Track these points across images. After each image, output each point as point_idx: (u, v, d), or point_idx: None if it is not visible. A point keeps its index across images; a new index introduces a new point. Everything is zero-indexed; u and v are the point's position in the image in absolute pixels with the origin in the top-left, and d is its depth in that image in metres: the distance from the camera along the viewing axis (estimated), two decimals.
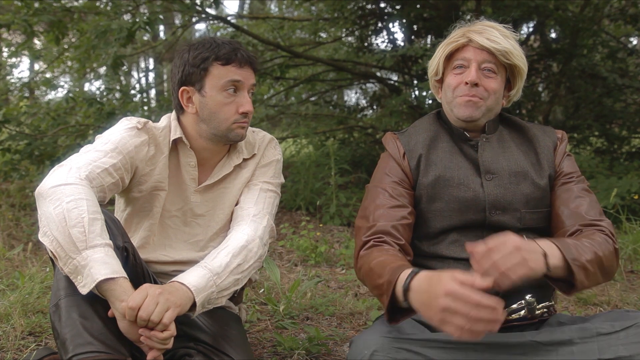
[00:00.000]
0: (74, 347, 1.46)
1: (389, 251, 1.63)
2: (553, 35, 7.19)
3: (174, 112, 1.93)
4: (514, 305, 1.70)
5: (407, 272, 1.42)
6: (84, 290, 1.48)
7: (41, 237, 1.54)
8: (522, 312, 1.70)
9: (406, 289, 1.39)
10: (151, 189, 1.86)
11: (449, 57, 1.81)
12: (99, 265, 1.47)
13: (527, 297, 1.69)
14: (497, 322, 1.24)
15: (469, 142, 1.81)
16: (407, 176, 1.81)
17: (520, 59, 1.78)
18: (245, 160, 1.97)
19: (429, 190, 1.78)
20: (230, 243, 1.77)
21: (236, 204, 1.96)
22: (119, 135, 1.80)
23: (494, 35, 1.75)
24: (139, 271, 1.74)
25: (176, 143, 1.89)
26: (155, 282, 1.82)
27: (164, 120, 1.92)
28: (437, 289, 1.28)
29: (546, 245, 1.46)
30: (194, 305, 1.61)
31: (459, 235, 1.76)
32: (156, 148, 1.85)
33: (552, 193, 1.78)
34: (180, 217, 1.92)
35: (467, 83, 1.75)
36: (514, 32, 1.81)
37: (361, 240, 1.71)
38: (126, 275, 1.52)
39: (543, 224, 1.77)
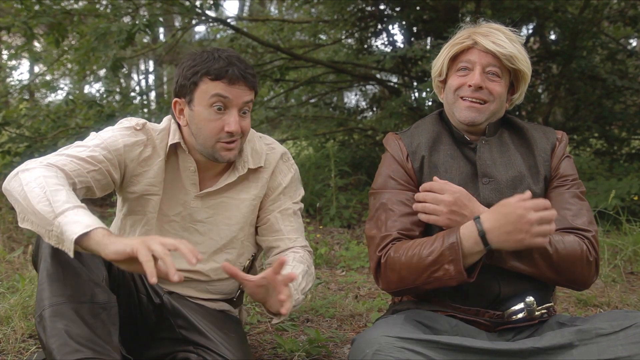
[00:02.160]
0: (61, 356, 1.45)
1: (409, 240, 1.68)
2: (553, 37, 7.19)
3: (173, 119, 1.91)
4: (514, 307, 1.70)
5: (467, 225, 1.58)
6: (70, 254, 1.43)
7: (21, 224, 1.53)
8: (522, 314, 1.70)
9: (483, 233, 1.54)
10: (142, 192, 1.84)
11: (454, 59, 1.80)
12: (71, 225, 1.42)
13: (527, 299, 1.69)
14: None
15: (469, 145, 1.81)
16: (412, 178, 1.80)
17: (524, 63, 1.76)
18: (251, 171, 1.91)
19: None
20: (297, 266, 1.79)
21: (259, 224, 1.96)
22: (110, 133, 1.80)
23: (500, 39, 1.73)
24: (127, 276, 1.73)
25: (175, 147, 1.86)
26: (143, 283, 1.82)
27: (164, 121, 1.90)
28: (517, 212, 1.51)
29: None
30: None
31: None
32: (152, 150, 1.83)
33: (544, 195, 1.77)
34: (179, 222, 1.90)
35: (470, 86, 1.74)
36: (519, 35, 1.80)
37: (376, 255, 1.71)
38: (103, 225, 1.44)
39: None
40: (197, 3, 5.80)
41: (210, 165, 1.87)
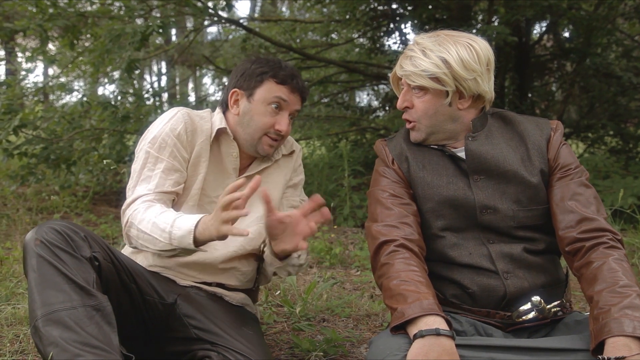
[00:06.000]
0: None
1: (409, 265, 1.64)
2: (566, 34, 7.16)
3: (218, 107, 2.05)
4: (523, 307, 1.69)
5: (416, 329, 1.47)
6: (203, 250, 1.74)
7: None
8: (533, 314, 1.69)
9: (415, 338, 1.46)
10: (189, 173, 1.94)
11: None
12: (183, 240, 1.65)
13: (533, 298, 1.67)
14: None
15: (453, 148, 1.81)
16: (401, 177, 1.83)
17: (423, 77, 1.72)
18: (284, 156, 2.10)
19: (420, 191, 1.79)
20: None
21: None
22: (160, 140, 1.90)
23: (406, 59, 1.77)
24: (123, 277, 1.75)
25: (219, 134, 1.98)
26: (150, 284, 1.84)
27: (204, 111, 2.04)
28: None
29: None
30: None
31: (457, 239, 1.75)
32: (193, 133, 1.94)
33: (549, 189, 1.74)
34: None
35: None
36: (468, 35, 1.77)
37: (378, 240, 1.72)
38: (194, 222, 1.64)
39: (541, 221, 1.74)
40: (210, 4, 5.83)
41: (248, 153, 2.02)
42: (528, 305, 1.68)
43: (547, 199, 1.74)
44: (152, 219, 1.73)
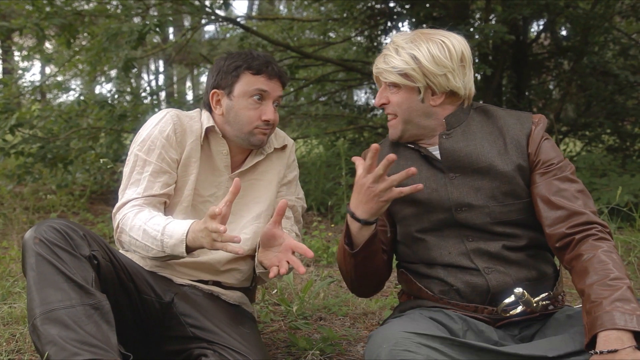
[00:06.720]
0: None
1: None
2: (564, 32, 7.16)
3: (203, 109, 2.04)
4: (506, 300, 1.68)
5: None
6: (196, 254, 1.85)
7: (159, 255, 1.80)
8: (520, 308, 1.68)
9: (352, 212, 1.66)
10: (180, 174, 1.94)
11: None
12: (175, 248, 1.71)
13: (515, 290, 1.66)
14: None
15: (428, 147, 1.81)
16: None
17: (393, 73, 1.75)
18: (276, 151, 2.08)
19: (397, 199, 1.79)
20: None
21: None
22: (149, 143, 1.91)
23: (380, 58, 1.80)
24: (121, 276, 1.75)
25: (207, 133, 1.97)
26: (147, 283, 1.84)
27: (194, 111, 2.03)
28: (359, 184, 1.61)
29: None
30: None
31: (437, 239, 1.75)
32: (182, 134, 1.93)
33: (532, 185, 1.72)
34: (213, 203, 1.97)
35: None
36: (441, 31, 1.79)
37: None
38: (185, 228, 1.69)
39: (520, 216, 1.72)
40: (207, 2, 5.82)
41: (239, 150, 2.02)
42: (512, 298, 1.67)
43: (525, 194, 1.73)
44: (142, 225, 1.75)
